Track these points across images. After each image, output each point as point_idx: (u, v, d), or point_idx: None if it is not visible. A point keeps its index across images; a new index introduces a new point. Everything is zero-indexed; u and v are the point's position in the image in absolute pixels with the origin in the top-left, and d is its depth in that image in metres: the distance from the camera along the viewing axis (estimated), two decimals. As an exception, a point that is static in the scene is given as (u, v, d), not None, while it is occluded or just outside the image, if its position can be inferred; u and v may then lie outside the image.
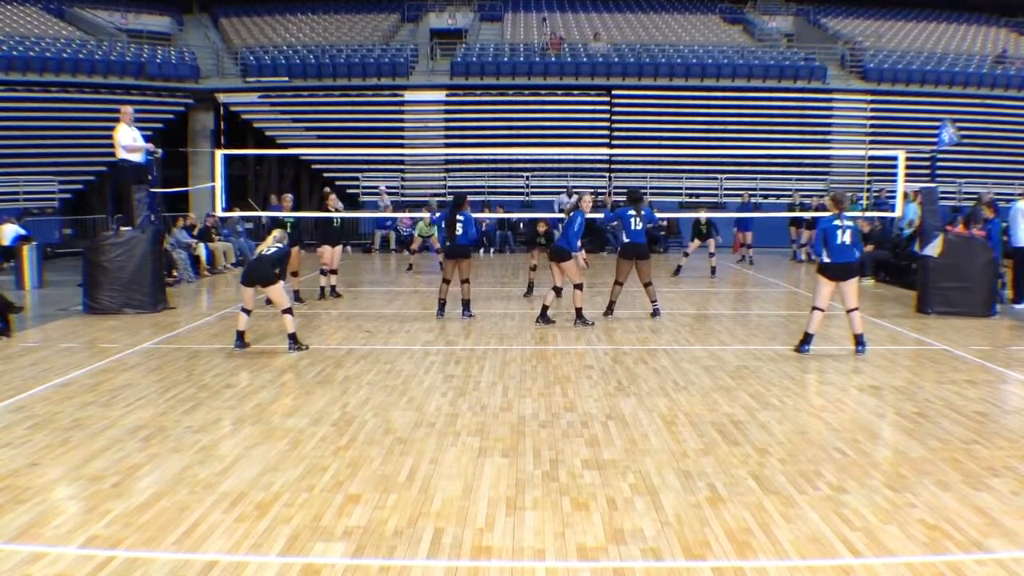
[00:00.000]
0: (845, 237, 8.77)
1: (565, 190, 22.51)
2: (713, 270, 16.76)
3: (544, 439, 5.96)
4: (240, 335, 9.22)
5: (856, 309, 8.94)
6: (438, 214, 12.46)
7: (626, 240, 11.19)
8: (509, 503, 4.75)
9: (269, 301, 10.04)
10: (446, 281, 11.42)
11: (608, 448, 5.75)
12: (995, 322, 11.30)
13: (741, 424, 6.34)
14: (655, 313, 11.38)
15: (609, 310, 11.41)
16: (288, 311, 9.26)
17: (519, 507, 4.69)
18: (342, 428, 6.21)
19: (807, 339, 9.06)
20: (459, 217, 11.11)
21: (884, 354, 9.07)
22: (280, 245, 9.50)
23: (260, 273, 9.25)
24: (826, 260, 8.86)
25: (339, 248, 13.54)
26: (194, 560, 4.02)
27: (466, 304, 11.38)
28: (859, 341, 8.99)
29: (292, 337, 9.19)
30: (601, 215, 14.65)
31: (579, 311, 10.71)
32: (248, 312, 9.31)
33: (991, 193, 14.87)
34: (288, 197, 13.36)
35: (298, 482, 5.08)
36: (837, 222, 8.81)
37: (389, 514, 4.59)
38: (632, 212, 11.11)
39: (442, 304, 11.42)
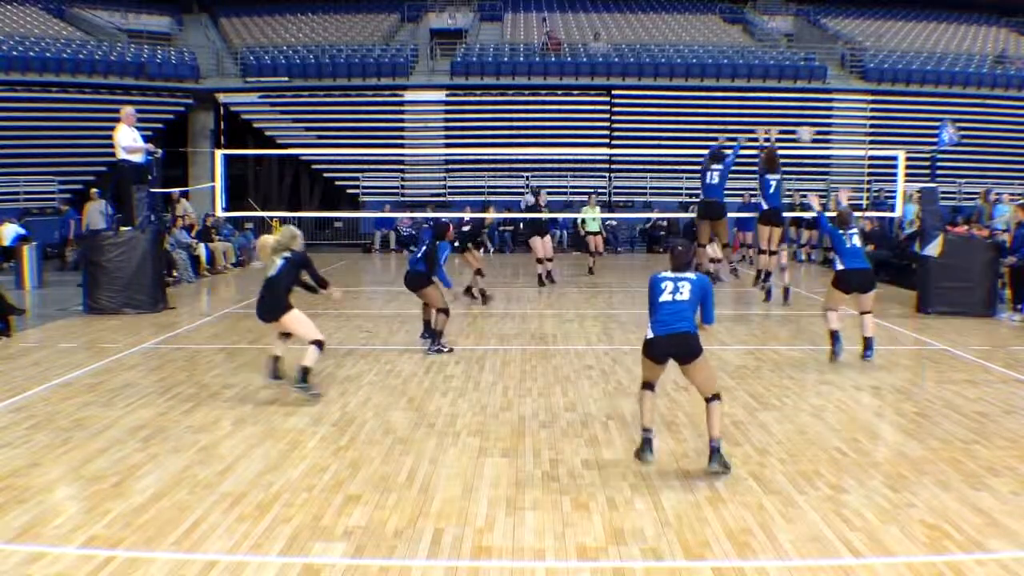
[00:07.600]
0: (855, 241, 8.40)
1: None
2: None
3: (544, 439, 5.96)
4: None
5: (870, 312, 8.46)
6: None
7: None
8: (509, 503, 4.75)
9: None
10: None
11: (608, 448, 5.75)
12: (995, 322, 11.29)
13: (741, 424, 6.34)
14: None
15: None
16: None
17: (519, 507, 4.69)
18: (342, 428, 6.21)
19: (835, 337, 8.47)
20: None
21: (884, 354, 9.03)
22: None
23: None
24: (840, 267, 8.41)
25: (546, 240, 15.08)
26: (194, 560, 4.02)
27: (432, 333, 9.06)
28: (867, 345, 8.47)
29: None
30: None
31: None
32: None
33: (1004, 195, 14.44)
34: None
35: (298, 482, 5.08)
36: (841, 229, 8.45)
37: (389, 514, 4.58)
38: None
39: (426, 323, 9.52)
